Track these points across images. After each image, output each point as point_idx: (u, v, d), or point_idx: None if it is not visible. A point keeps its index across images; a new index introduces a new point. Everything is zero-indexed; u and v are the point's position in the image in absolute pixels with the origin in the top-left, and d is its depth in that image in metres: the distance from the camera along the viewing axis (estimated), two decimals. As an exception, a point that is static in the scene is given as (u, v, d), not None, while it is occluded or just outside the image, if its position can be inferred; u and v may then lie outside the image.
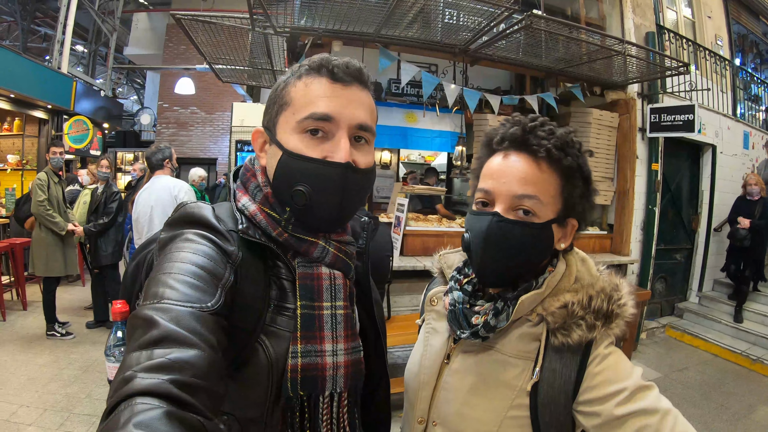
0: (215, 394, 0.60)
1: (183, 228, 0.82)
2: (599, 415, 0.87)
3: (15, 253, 5.90)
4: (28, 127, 8.76)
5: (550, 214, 0.95)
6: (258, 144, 0.95)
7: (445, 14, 4.37)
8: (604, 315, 0.93)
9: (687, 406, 4.30)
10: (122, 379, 0.54)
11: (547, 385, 0.93)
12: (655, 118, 5.82)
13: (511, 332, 0.99)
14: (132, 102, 18.17)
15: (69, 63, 8.84)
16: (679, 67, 5.00)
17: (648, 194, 6.02)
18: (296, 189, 0.85)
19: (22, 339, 5.07)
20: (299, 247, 0.89)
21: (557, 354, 0.93)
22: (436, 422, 1.07)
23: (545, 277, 0.98)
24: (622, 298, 0.96)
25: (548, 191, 0.94)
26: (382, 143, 5.44)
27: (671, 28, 6.79)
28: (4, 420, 3.47)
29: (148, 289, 0.70)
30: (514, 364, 0.98)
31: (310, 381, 0.83)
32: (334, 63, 0.88)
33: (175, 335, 0.60)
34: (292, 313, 0.86)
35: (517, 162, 0.95)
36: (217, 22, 4.60)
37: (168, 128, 12.24)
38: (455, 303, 1.04)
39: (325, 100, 0.85)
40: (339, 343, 0.88)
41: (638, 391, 0.86)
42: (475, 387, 1.01)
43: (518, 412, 0.95)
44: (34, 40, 13.20)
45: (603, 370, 0.90)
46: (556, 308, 0.94)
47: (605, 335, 0.94)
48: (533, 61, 5.06)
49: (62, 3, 8.54)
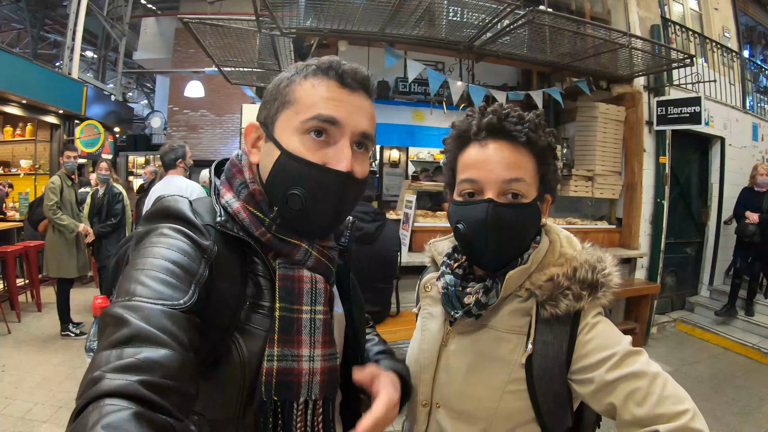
0: (186, 394, 0.59)
1: (158, 222, 0.79)
2: (592, 382, 0.90)
3: (29, 256, 6.01)
4: (41, 132, 8.88)
5: (533, 193, 1.00)
6: (251, 139, 0.92)
7: (449, 11, 4.39)
8: (590, 285, 0.96)
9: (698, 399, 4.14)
10: (91, 379, 0.53)
11: (540, 357, 0.96)
12: (662, 111, 5.79)
13: (503, 309, 1.03)
14: (143, 106, 18.33)
15: (79, 69, 8.95)
16: (684, 59, 4.98)
17: (656, 187, 5.99)
18: (292, 192, 0.82)
19: (37, 339, 5.17)
20: (281, 248, 0.86)
21: (547, 326, 0.97)
22: (439, 404, 1.10)
23: (530, 253, 1.02)
24: (606, 268, 0.99)
25: (529, 172, 0.99)
26: (389, 141, 5.48)
27: (677, 20, 6.74)
28: (20, 417, 3.55)
29: (121, 285, 0.68)
30: (507, 339, 1.01)
31: (285, 386, 0.80)
32: (344, 67, 0.86)
33: (146, 334, 0.59)
34: (267, 312, 0.83)
35: (498, 149, 0.99)
36: (224, 24, 4.66)
37: (178, 131, 12.34)
38: (448, 286, 1.07)
39: (332, 103, 0.84)
40: (316, 348, 0.84)
41: (627, 356, 0.89)
42: (473, 365, 1.04)
43: (516, 386, 0.98)
44: (45, 46, 13.38)
45: (593, 338, 0.93)
46: (543, 281, 0.98)
47: (593, 305, 0.97)
48: (538, 57, 5.07)
49: (71, 10, 8.64)
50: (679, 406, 0.83)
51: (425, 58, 4.91)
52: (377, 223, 3.35)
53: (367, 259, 3.24)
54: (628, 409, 0.85)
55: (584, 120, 5.77)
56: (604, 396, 0.88)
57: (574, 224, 5.64)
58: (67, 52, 8.76)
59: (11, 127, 9.09)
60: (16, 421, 3.51)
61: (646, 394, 0.84)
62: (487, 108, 1.04)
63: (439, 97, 5.39)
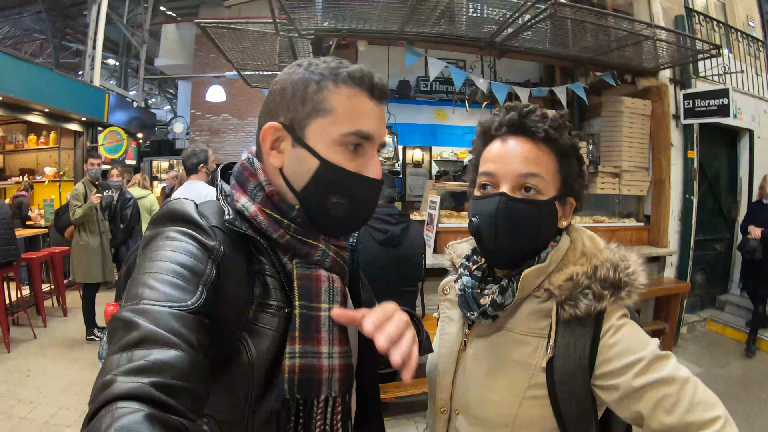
0: (197, 395, 0.60)
1: (165, 225, 0.80)
2: (617, 388, 0.86)
3: (54, 262, 6.10)
4: (64, 139, 9.04)
5: (552, 191, 0.98)
6: (269, 141, 0.89)
7: (469, 7, 4.33)
8: (612, 284, 0.92)
9: (730, 401, 4.07)
10: (102, 383, 0.54)
11: (561, 360, 0.92)
12: (689, 104, 5.64)
13: (522, 310, 1.00)
14: (165, 111, 18.58)
15: (102, 76, 9.10)
16: (710, 50, 4.84)
17: (685, 183, 5.83)
18: (336, 201, 0.85)
19: (63, 344, 5.24)
20: (301, 249, 0.87)
21: (568, 328, 0.93)
22: (458, 411, 1.07)
23: (548, 252, 0.99)
24: (631, 266, 0.95)
25: (548, 169, 0.98)
26: (412, 141, 5.45)
27: (701, 10, 6.58)
28: (44, 422, 3.60)
29: (129, 290, 0.69)
30: (527, 342, 0.98)
31: (307, 383, 0.82)
32: (375, 80, 0.88)
33: (155, 336, 0.60)
34: (275, 310, 0.84)
35: (517, 144, 0.99)
36: (242, 28, 4.67)
37: (201, 136, 12.48)
38: (465, 288, 1.05)
39: (370, 119, 0.86)
40: (334, 345, 0.86)
41: (655, 361, 0.85)
42: (491, 370, 1.01)
43: (536, 392, 0.94)
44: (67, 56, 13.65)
45: (618, 341, 0.89)
46: (562, 281, 0.94)
47: (617, 306, 0.93)
48: (561, 51, 4.97)
49: (91, 19, 8.80)
50: (710, 412, 0.79)
51: (446, 56, 4.85)
52: (402, 225, 3.29)
53: (393, 262, 3.18)
54: (656, 417, 0.81)
55: (610, 115, 5.65)
56: (631, 403, 0.84)
57: (602, 222, 5.51)
58: (88, 61, 8.92)
59: (35, 135, 9.29)
60: (40, 425, 3.55)
61: (675, 401, 0.81)
62: (511, 105, 1.04)
63: (461, 96, 5.33)
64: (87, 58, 8.97)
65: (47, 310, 6.06)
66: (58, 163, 9.07)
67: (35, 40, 13.73)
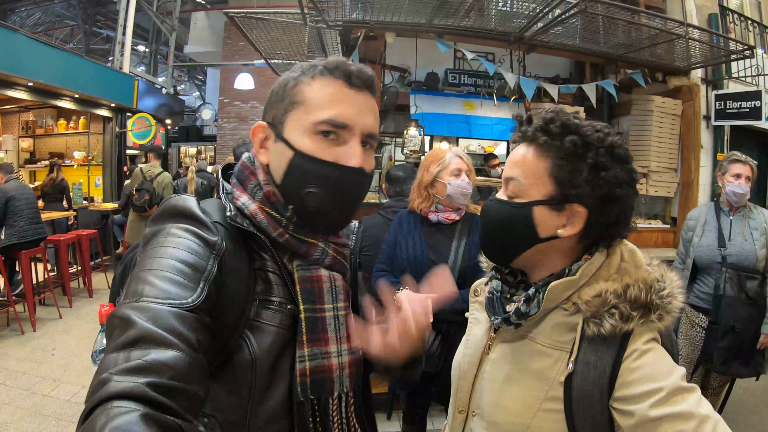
0: (195, 395, 0.59)
1: (166, 222, 0.80)
2: (633, 415, 0.81)
3: (81, 244, 6.25)
4: (93, 124, 9.25)
5: (535, 195, 0.95)
6: (258, 140, 0.92)
7: (499, 1, 4.29)
8: (642, 306, 0.88)
9: (746, 413, 4.03)
10: (99, 381, 0.53)
11: (581, 378, 0.88)
12: (720, 105, 5.49)
13: (547, 321, 0.97)
14: (194, 98, 18.83)
15: (131, 63, 9.25)
16: (744, 50, 4.71)
17: (713, 186, 5.70)
18: (309, 191, 0.85)
19: (88, 324, 5.38)
20: (300, 248, 0.88)
21: (592, 346, 0.89)
22: (475, 413, 1.07)
23: (580, 265, 0.95)
24: (666, 288, 0.90)
25: (532, 173, 0.95)
26: (441, 131, 5.33)
27: (735, 9, 6.40)
28: (67, 400, 3.69)
29: (128, 287, 0.68)
30: (548, 354, 0.95)
31: (319, 384, 0.83)
32: (351, 68, 0.87)
33: (153, 335, 0.59)
34: (277, 307, 0.85)
35: (517, 150, 1.01)
36: (270, 18, 4.68)
37: (229, 122, 12.62)
38: (493, 291, 1.05)
39: (342, 105, 0.86)
40: (342, 343, 0.88)
41: (676, 393, 0.79)
42: (510, 376, 1.00)
43: (553, 405, 0.92)
44: (97, 42, 13.91)
45: (640, 366, 0.84)
46: (591, 297, 0.91)
47: (646, 329, 0.88)
48: (592, 48, 4.89)
49: (121, 6, 8.93)
50: None
51: (475, 49, 4.79)
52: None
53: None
54: None
55: (639, 114, 5.53)
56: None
57: (628, 222, 5.41)
58: (118, 47, 9.06)
59: (65, 120, 9.51)
60: (63, 403, 3.65)
61: None
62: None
63: (489, 90, 5.28)
64: (117, 45, 9.12)
65: (73, 290, 6.24)
66: (87, 147, 9.26)
67: (66, 27, 13.99)
